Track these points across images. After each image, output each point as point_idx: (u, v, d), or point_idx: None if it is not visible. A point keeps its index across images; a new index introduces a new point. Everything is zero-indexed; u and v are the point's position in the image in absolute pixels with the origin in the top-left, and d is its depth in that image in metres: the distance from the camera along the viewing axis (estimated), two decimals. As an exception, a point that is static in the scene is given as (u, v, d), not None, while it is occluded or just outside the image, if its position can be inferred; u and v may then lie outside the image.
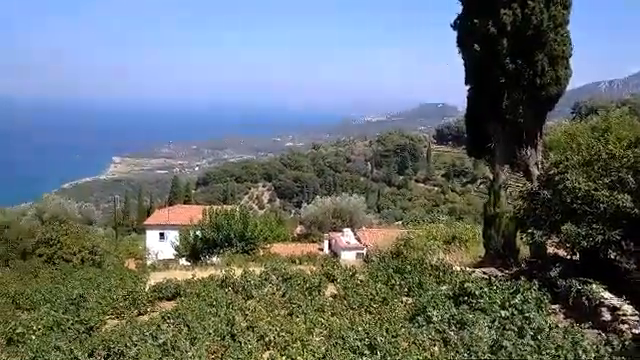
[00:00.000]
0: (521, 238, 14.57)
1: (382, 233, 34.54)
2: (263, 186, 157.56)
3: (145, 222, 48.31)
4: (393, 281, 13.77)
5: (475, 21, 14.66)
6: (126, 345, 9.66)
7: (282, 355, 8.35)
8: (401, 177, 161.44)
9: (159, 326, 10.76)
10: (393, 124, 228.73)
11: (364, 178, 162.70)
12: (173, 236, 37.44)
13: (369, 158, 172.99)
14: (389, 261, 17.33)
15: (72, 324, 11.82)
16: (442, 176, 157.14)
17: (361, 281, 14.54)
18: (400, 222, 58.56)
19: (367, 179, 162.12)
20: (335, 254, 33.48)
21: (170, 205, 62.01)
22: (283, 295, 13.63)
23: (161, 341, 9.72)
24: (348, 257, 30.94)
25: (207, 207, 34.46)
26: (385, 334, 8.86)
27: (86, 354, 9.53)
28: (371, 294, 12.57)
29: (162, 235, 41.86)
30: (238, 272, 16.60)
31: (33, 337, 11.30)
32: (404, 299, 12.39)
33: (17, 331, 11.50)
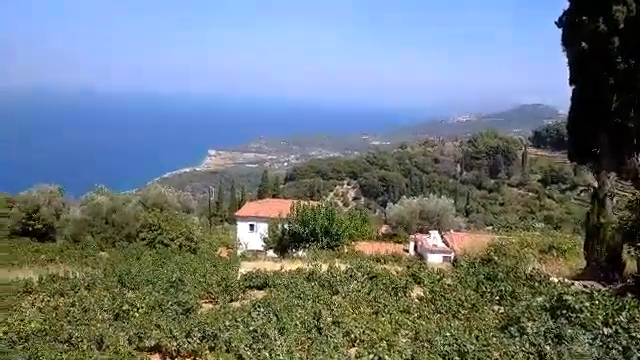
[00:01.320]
0: (628, 251, 13.47)
1: (471, 237, 33.36)
2: (348, 184, 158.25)
3: (236, 213, 50.42)
4: (483, 288, 13.29)
5: (583, 18, 13.73)
6: (219, 329, 10.19)
7: (369, 353, 8.36)
8: (493, 180, 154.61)
9: (250, 313, 11.23)
10: (486, 125, 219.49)
11: (453, 180, 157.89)
12: (262, 228, 38.81)
13: (459, 159, 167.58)
14: (479, 267, 16.74)
15: (171, 305, 12.66)
16: (538, 181, 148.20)
17: (449, 285, 14.19)
18: (491, 227, 56.16)
19: (456, 181, 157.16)
20: (421, 256, 32.88)
21: (260, 198, 64.33)
22: (368, 293, 13.65)
23: (252, 328, 10.14)
24: (435, 260, 30.25)
25: (294, 202, 35.24)
26: (475, 342, 8.59)
27: (183, 334, 10.17)
28: (459, 299, 12.23)
29: (252, 227, 43.50)
30: (324, 267, 16.88)
31: (137, 314, 12.24)
32: (495, 308, 11.92)
33: (123, 308, 12.52)
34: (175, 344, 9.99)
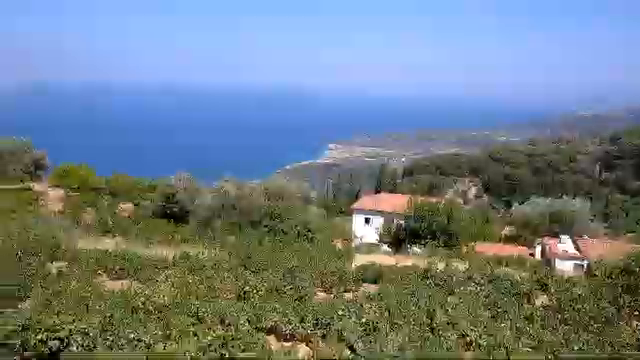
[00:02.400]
0: None
1: (609, 245, 30.14)
2: (470, 181, 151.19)
3: (352, 206, 50.86)
4: (621, 301, 11.92)
5: None
6: (332, 317, 10.35)
7: (487, 359, 7.93)
8: (638, 183, 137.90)
9: (362, 305, 11.26)
10: (632, 121, 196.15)
11: (590, 181, 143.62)
12: (377, 222, 38.72)
13: (598, 159, 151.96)
14: (617, 278, 15.04)
15: (288, 290, 13.16)
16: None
17: (580, 295, 12.94)
18: (633, 234, 50.22)
19: (594, 182, 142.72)
20: (548, 262, 30.45)
21: (376, 192, 64.16)
22: (487, 296, 12.97)
23: (363, 320, 10.16)
24: (564, 267, 27.83)
25: (412, 197, 34.64)
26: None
27: (298, 319, 10.51)
28: (591, 312, 11.10)
29: (367, 220, 43.59)
30: (440, 266, 16.36)
31: (256, 297, 12.91)
32: (634, 323, 10.64)
33: (245, 289, 13.27)
34: (290, 328, 10.36)
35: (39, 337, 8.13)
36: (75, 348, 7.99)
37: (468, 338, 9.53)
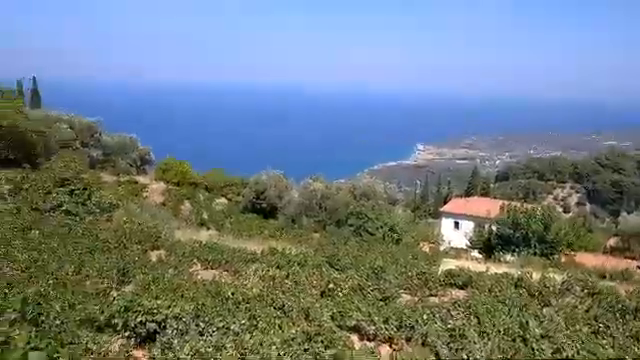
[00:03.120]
0: None
1: None
2: (571, 187, 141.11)
3: (441, 209, 49.61)
4: None
5: None
6: (417, 321, 10.12)
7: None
8: None
9: (449, 311, 10.90)
10: None
11: None
12: (467, 226, 37.40)
13: None
14: None
15: (372, 290, 13.07)
16: None
17: (700, 317, 11.58)
18: None
19: None
20: (661, 278, 27.61)
21: (467, 196, 62.09)
22: (587, 311, 12.02)
23: (450, 326, 9.83)
24: (679, 285, 25.07)
25: (505, 202, 33.12)
26: None
27: (382, 320, 10.39)
28: None
29: (457, 224, 42.32)
30: (535, 275, 15.43)
31: (340, 294, 12.96)
32: None
33: (329, 287, 13.38)
34: (373, 328, 10.27)
35: (139, 319, 8.77)
36: (170, 331, 8.51)
37: (564, 353, 8.87)
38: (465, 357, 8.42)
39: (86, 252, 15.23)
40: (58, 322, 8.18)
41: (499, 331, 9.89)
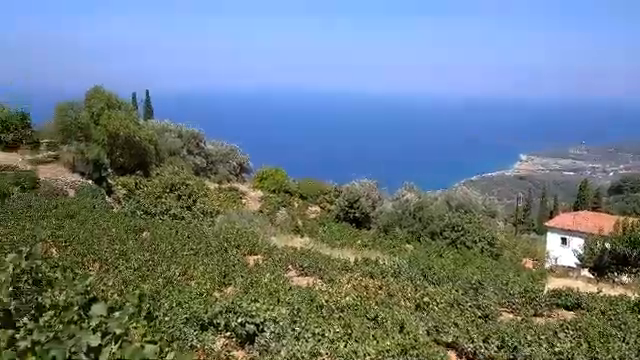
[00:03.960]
0: None
1: None
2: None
3: (546, 224, 46.53)
4: None
5: None
6: (520, 342, 9.52)
7: None
8: None
9: (556, 333, 10.14)
10: None
11: None
12: (576, 243, 34.68)
13: None
14: None
15: (470, 307, 12.51)
16: None
17: None
18: None
19: None
20: None
21: (575, 210, 57.69)
22: None
23: (557, 349, 9.13)
24: None
25: (621, 218, 30.32)
26: None
27: (481, 338, 9.90)
28: None
29: (564, 240, 39.40)
30: (658, 300, 13.90)
31: (436, 309, 12.57)
32: None
33: (424, 300, 13.03)
34: (472, 346, 9.82)
35: (239, 320, 9.13)
36: (268, 334, 8.76)
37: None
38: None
39: (191, 254, 16.20)
40: (167, 319, 8.74)
41: (613, 358, 9.01)
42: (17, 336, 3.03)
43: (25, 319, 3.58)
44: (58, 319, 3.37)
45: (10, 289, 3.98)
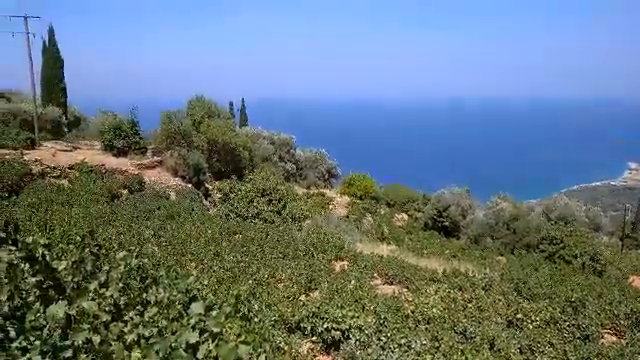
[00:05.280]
0: None
1: None
2: None
3: (659, 239, 42.25)
4: None
5: None
6: (626, 368, 8.78)
7: None
8: None
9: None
10: None
11: None
12: (695, 262, 31.21)
13: None
14: None
15: (568, 326, 11.73)
16: None
17: None
18: None
19: None
20: None
21: (695, 225, 51.91)
22: None
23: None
24: None
25: None
26: None
27: (580, 360, 9.27)
28: None
29: (680, 258, 35.57)
30: None
31: (530, 326, 11.92)
32: None
33: (517, 316, 12.40)
34: (569, 368, 9.21)
35: (325, 326, 9.28)
36: (353, 341, 8.82)
37: None
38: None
39: (279, 257, 16.70)
40: (257, 320, 9.10)
41: None
42: (125, 330, 3.35)
43: (132, 314, 3.95)
44: (162, 315, 3.68)
45: (120, 285, 4.40)
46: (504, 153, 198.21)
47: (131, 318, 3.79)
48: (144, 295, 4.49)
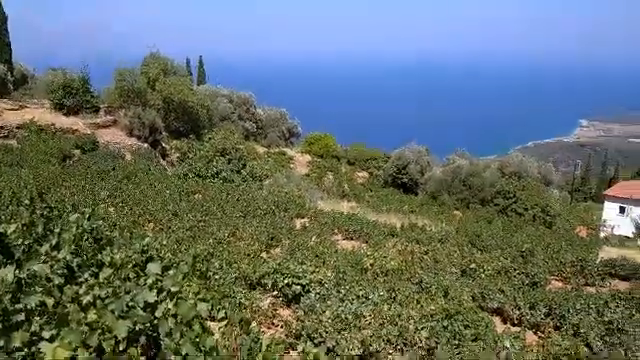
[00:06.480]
0: None
1: None
2: None
3: (605, 192, 44.58)
4: None
5: None
6: (568, 310, 9.38)
7: None
8: None
9: (607, 303, 9.89)
10: None
11: None
12: (636, 213, 33.25)
13: None
14: None
15: (518, 274, 12.38)
16: None
17: None
18: None
19: None
20: None
21: (638, 178, 54.90)
22: None
23: (607, 319, 8.95)
24: None
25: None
26: None
27: (527, 305, 9.82)
28: None
29: (622, 209, 37.72)
30: None
31: (483, 275, 12.50)
32: None
33: (470, 266, 12.96)
34: (518, 313, 9.77)
35: (286, 281, 9.45)
36: (313, 295, 9.04)
37: None
38: (623, 353, 7.61)
39: (240, 216, 16.70)
40: (217, 277, 9.17)
41: (670, 332, 8.74)
42: (80, 291, 3.31)
43: (86, 275, 3.89)
44: (117, 276, 3.64)
45: (73, 247, 4.30)
46: (471, 111, 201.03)
47: (86, 280, 3.75)
48: (99, 256, 4.43)
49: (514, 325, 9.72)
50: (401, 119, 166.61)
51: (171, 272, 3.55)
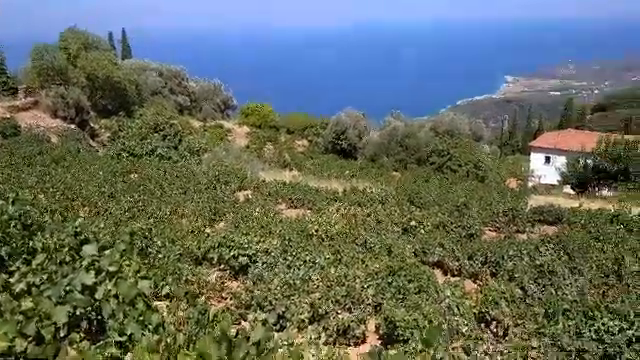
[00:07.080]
0: None
1: None
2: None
3: (531, 144, 47.15)
4: None
5: None
6: (503, 257, 9.97)
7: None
8: None
9: (537, 247, 10.59)
10: None
11: None
12: (560, 162, 35.42)
13: None
14: None
15: (455, 227, 12.96)
16: None
17: None
18: None
19: None
20: None
21: (560, 129, 58.32)
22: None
23: (538, 263, 9.59)
24: None
25: (603, 135, 30.80)
26: None
27: (466, 256, 10.35)
28: None
29: (547, 159, 40.11)
30: (635, 210, 14.49)
31: (422, 231, 13.01)
32: None
33: (411, 224, 13.44)
34: (457, 264, 10.28)
35: (232, 253, 9.42)
36: (260, 265, 9.08)
37: (664, 291, 8.40)
38: (554, 293, 8.23)
39: (180, 193, 16.33)
40: (160, 255, 8.99)
41: (591, 267, 9.51)
42: (12, 280, 3.14)
43: (18, 263, 3.69)
44: (51, 261, 3.48)
45: (0, 235, 4.05)
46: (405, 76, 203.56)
47: (18, 268, 3.55)
48: (30, 243, 4.20)
49: (454, 276, 10.23)
50: (333, 91, 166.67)
51: (107, 252, 3.44)
